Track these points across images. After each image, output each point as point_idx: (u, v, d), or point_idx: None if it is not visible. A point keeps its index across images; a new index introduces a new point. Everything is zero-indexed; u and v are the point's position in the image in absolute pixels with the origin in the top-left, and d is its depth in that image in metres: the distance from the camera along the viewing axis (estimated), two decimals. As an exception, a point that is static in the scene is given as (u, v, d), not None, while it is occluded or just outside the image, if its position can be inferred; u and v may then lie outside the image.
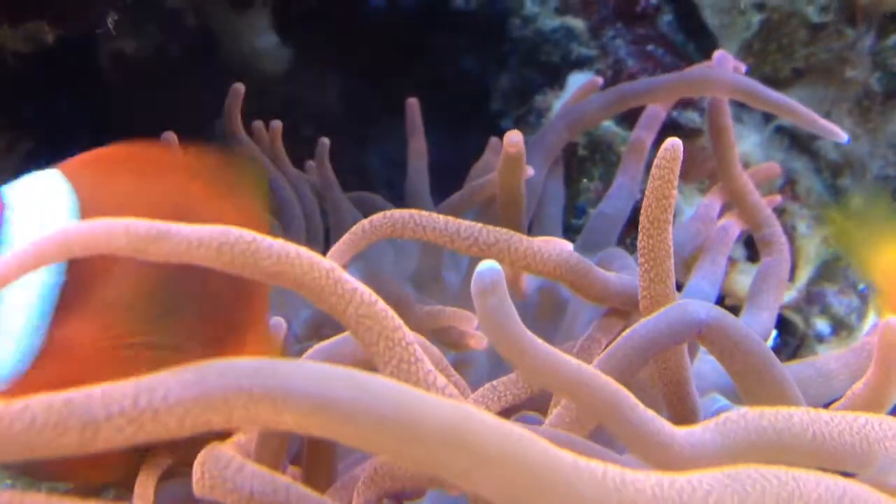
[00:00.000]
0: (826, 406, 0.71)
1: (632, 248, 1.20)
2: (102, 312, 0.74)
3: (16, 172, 0.76)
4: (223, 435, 0.70)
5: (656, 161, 0.74)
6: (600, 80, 1.35)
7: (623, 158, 1.26)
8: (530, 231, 1.19)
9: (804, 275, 1.38)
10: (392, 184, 1.59)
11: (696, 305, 0.73)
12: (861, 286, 1.39)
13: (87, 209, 0.74)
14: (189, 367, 0.42)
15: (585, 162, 1.41)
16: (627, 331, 0.73)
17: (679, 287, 0.82)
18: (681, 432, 0.58)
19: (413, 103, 1.35)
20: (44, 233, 0.47)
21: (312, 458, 0.73)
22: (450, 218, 0.86)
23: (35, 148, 1.45)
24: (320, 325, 1.10)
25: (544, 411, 0.78)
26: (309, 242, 1.27)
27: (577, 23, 1.51)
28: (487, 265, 0.52)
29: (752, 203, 1.15)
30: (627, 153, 1.25)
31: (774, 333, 1.08)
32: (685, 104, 1.38)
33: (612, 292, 0.89)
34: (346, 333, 0.72)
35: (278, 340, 0.85)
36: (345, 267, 1.25)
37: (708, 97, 1.18)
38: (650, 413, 0.58)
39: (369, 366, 0.55)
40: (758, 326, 1.01)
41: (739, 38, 1.41)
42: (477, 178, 1.22)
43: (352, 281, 0.58)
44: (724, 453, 0.58)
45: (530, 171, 1.11)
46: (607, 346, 0.76)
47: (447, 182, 1.27)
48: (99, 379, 0.41)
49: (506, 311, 0.53)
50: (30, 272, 0.47)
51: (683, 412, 0.78)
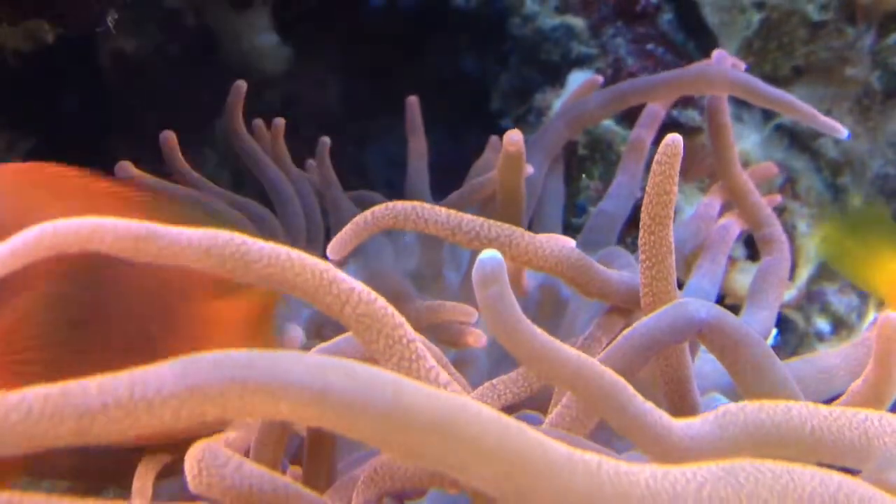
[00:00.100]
0: (827, 403, 0.71)
1: (632, 247, 1.20)
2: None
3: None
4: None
5: (657, 157, 0.74)
6: (600, 79, 1.35)
7: (623, 157, 1.25)
8: (530, 229, 1.19)
9: (804, 273, 1.38)
10: (392, 183, 1.59)
11: (697, 304, 0.73)
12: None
13: None
14: (185, 359, 0.42)
15: (585, 160, 1.41)
16: (628, 330, 0.73)
17: (679, 285, 0.82)
18: (679, 424, 0.58)
19: (413, 102, 1.35)
20: (29, 229, 0.46)
21: (312, 458, 0.72)
22: (452, 211, 0.85)
23: (35, 147, 1.45)
24: (321, 326, 1.10)
25: (544, 410, 0.78)
26: (309, 241, 1.27)
27: (577, 21, 1.51)
28: (489, 254, 0.52)
29: (752, 202, 1.15)
30: (627, 152, 1.25)
31: (775, 332, 1.08)
32: (685, 103, 1.38)
33: (613, 290, 0.89)
34: (348, 334, 0.72)
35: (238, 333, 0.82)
36: (344, 260, 1.26)
37: (707, 96, 1.18)
38: (648, 404, 0.58)
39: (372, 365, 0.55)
40: (758, 325, 1.01)
41: (739, 37, 1.41)
42: (477, 177, 1.22)
43: (348, 280, 0.56)
44: (722, 445, 0.58)
45: (530, 170, 1.11)
46: (608, 345, 0.76)
47: (447, 181, 1.27)
48: None
49: (506, 300, 0.53)
50: (18, 266, 0.46)
51: (684, 410, 0.78)
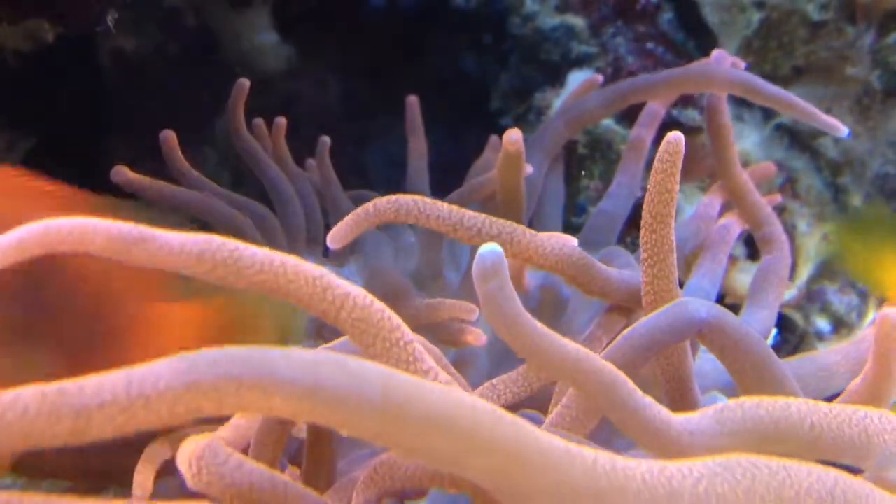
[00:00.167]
0: (827, 401, 0.71)
1: (632, 247, 1.20)
2: None
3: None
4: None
5: (658, 155, 0.74)
6: (600, 78, 1.34)
7: (623, 157, 1.25)
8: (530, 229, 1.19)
9: (804, 273, 1.38)
10: (392, 182, 1.59)
11: (697, 304, 0.73)
12: (861, 285, 1.39)
13: None
14: (180, 356, 0.42)
15: (585, 160, 1.41)
16: (628, 329, 0.73)
17: (680, 285, 0.82)
18: (677, 418, 0.58)
19: (413, 102, 1.35)
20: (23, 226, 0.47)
21: (312, 458, 0.72)
22: (454, 207, 0.85)
23: (35, 147, 1.44)
24: (321, 326, 1.10)
25: (545, 410, 0.78)
26: (309, 240, 1.27)
27: (577, 21, 1.51)
28: (489, 248, 0.52)
29: (752, 202, 1.15)
30: (627, 151, 1.25)
31: (775, 332, 1.08)
32: (685, 102, 1.38)
33: (614, 288, 0.89)
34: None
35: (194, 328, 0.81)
36: (344, 260, 1.25)
37: (707, 95, 1.18)
38: (648, 398, 0.58)
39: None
40: (758, 325, 1.01)
41: (739, 36, 1.41)
42: (477, 176, 1.22)
43: (343, 285, 0.56)
44: (721, 441, 0.58)
45: (529, 169, 1.11)
46: (608, 345, 0.76)
47: (447, 181, 1.27)
48: None
49: (507, 294, 0.53)
50: (6, 264, 0.46)
51: (685, 409, 0.78)
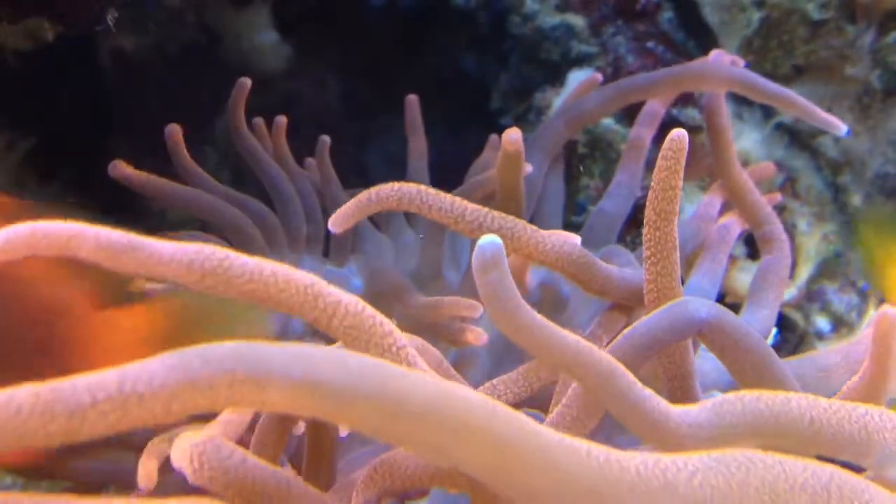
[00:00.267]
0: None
1: (632, 246, 1.20)
2: None
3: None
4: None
5: (662, 152, 0.74)
6: (600, 77, 1.34)
7: (623, 156, 1.25)
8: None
9: (804, 272, 1.38)
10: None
11: (697, 303, 0.73)
12: (861, 284, 1.39)
13: None
14: (173, 354, 0.42)
15: (585, 159, 1.41)
16: (628, 329, 0.73)
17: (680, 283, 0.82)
18: (676, 410, 0.58)
19: (412, 101, 1.34)
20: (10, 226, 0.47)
21: (312, 458, 0.72)
22: (457, 199, 0.85)
23: (35, 147, 1.44)
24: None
25: (545, 410, 0.78)
26: (309, 240, 1.27)
27: (577, 20, 1.51)
28: (488, 239, 0.52)
29: (752, 201, 1.15)
30: (627, 151, 1.25)
31: (775, 331, 1.08)
32: (685, 101, 1.38)
33: (614, 286, 0.88)
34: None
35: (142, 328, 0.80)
36: (345, 259, 1.25)
37: (706, 95, 1.18)
38: (647, 390, 0.58)
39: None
40: (758, 324, 1.01)
41: (740, 36, 1.41)
42: (476, 175, 1.22)
43: (334, 293, 0.56)
44: (719, 434, 0.58)
45: (528, 168, 1.11)
46: (608, 344, 0.76)
47: (447, 180, 1.26)
48: None
49: (506, 285, 0.53)
50: None
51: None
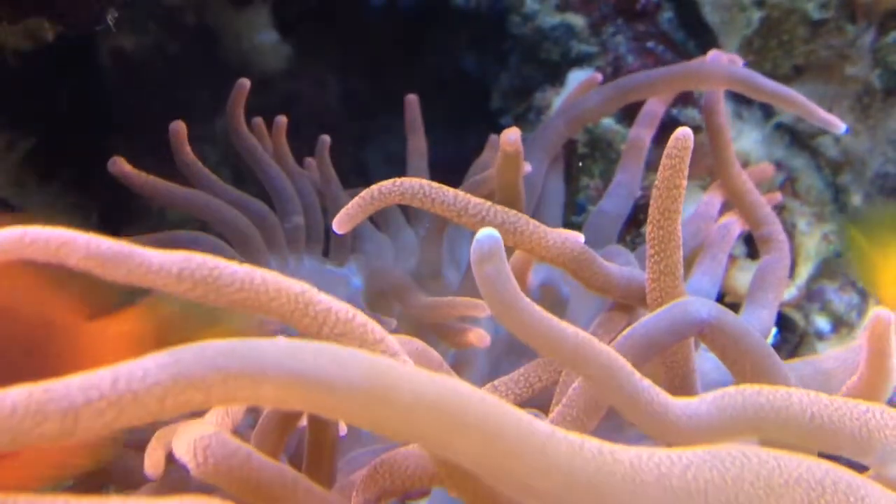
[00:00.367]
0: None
1: (632, 247, 1.20)
2: None
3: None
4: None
5: (667, 150, 0.74)
6: (599, 77, 1.34)
7: (623, 156, 1.25)
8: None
9: (804, 272, 1.38)
10: (392, 181, 1.59)
11: (697, 303, 0.73)
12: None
13: None
14: (168, 351, 0.42)
15: (585, 159, 1.41)
16: (628, 329, 0.73)
17: (680, 283, 0.82)
18: (677, 403, 0.58)
19: (412, 100, 1.34)
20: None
21: (312, 458, 0.72)
22: (459, 193, 0.85)
23: (35, 147, 1.44)
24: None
25: (546, 410, 0.78)
26: (309, 240, 1.27)
27: (578, 20, 1.51)
28: (486, 232, 0.52)
29: (752, 201, 1.15)
30: (627, 151, 1.25)
31: (774, 331, 1.08)
32: (685, 101, 1.38)
33: (615, 284, 0.88)
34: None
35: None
36: (345, 259, 1.25)
37: (705, 95, 1.18)
38: (646, 382, 0.58)
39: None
40: (758, 324, 1.01)
41: (740, 35, 1.41)
42: (476, 175, 1.22)
43: (324, 300, 0.56)
44: (719, 426, 0.58)
45: (528, 168, 1.11)
46: (609, 344, 0.76)
47: (447, 180, 1.26)
48: None
49: (504, 277, 0.53)
50: None
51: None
